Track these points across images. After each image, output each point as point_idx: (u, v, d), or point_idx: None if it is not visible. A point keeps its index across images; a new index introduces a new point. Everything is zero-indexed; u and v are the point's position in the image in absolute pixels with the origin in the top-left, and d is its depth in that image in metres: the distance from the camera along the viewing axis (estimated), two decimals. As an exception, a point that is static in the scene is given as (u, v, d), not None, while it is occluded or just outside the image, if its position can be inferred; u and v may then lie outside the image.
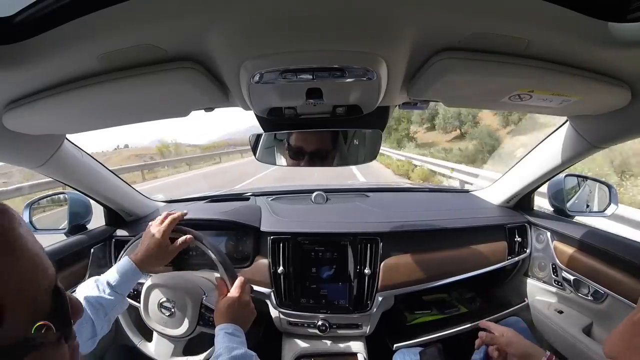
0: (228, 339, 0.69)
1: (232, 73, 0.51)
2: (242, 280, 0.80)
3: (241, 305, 0.76)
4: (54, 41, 0.41)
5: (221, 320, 0.73)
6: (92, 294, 0.71)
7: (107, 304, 0.72)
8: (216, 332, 0.72)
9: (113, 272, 0.76)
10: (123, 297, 0.76)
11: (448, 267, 1.11)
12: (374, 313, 1.05)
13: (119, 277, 0.75)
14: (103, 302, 0.71)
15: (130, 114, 0.69)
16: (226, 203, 1.36)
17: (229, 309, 0.74)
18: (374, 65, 0.48)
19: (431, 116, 20.66)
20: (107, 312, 0.72)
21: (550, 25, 0.42)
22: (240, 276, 0.82)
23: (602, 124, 0.75)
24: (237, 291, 0.77)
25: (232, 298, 0.76)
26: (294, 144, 0.78)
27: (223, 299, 0.77)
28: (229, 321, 0.73)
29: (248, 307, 0.78)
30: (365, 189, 1.61)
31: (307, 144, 0.78)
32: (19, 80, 0.49)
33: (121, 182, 1.18)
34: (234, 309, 0.75)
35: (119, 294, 0.75)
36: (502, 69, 0.50)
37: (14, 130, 0.64)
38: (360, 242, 1.06)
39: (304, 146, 0.78)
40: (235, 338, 0.70)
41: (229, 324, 0.72)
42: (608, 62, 0.51)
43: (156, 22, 0.40)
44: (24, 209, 1.15)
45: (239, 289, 0.78)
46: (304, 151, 0.78)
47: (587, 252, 0.99)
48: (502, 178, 1.30)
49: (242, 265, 1.09)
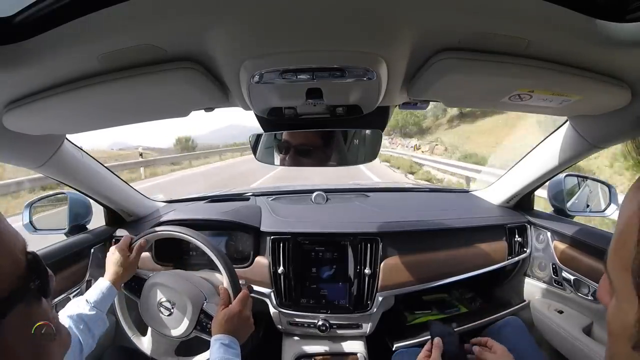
0: (224, 350, 0.69)
1: (232, 73, 0.51)
2: (246, 295, 0.80)
3: (241, 319, 0.77)
4: (54, 41, 0.41)
5: (219, 331, 0.73)
6: (73, 311, 0.75)
7: (88, 319, 0.75)
8: (212, 341, 0.72)
9: (90, 291, 0.81)
10: (103, 313, 0.80)
11: (448, 267, 1.11)
12: (374, 313, 1.05)
13: (96, 294, 0.80)
14: (84, 318, 0.75)
15: (130, 114, 0.69)
16: (226, 203, 1.36)
17: (229, 321, 0.75)
18: (374, 65, 0.48)
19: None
20: (90, 327, 0.75)
21: (550, 25, 0.42)
22: (244, 290, 0.82)
23: (602, 124, 0.75)
24: (239, 305, 0.78)
25: (233, 311, 0.76)
26: (293, 144, 0.78)
27: (224, 310, 0.77)
28: (226, 332, 0.73)
29: (248, 322, 0.78)
30: (365, 189, 1.61)
31: (307, 144, 0.78)
32: (19, 80, 0.49)
33: (121, 182, 1.18)
34: (233, 322, 0.75)
35: (99, 310, 0.78)
36: (502, 69, 0.50)
37: (14, 131, 0.64)
38: (360, 242, 1.06)
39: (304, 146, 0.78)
40: (230, 350, 0.70)
41: (226, 335, 0.72)
42: (608, 62, 0.51)
43: (156, 23, 0.40)
44: (24, 208, 1.15)
45: (240, 304, 0.78)
46: (303, 151, 0.78)
47: (587, 252, 0.99)
48: (502, 178, 1.30)
49: (242, 265, 1.09)
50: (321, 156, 0.79)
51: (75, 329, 0.72)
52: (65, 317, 0.73)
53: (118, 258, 0.86)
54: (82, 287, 1.07)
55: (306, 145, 0.78)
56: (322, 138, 0.77)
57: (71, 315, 0.74)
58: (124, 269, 0.86)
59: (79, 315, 0.75)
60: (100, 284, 0.83)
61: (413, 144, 17.07)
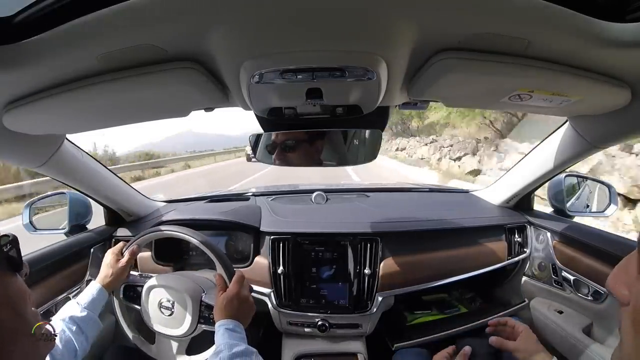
0: (228, 335, 0.68)
1: (232, 73, 0.51)
2: (240, 275, 0.80)
3: (240, 300, 0.76)
4: (53, 41, 0.41)
5: (221, 316, 0.73)
6: (65, 314, 0.76)
7: (80, 321, 0.76)
8: (216, 328, 0.71)
9: (81, 294, 0.82)
10: (95, 315, 0.80)
11: (448, 267, 1.11)
12: (374, 313, 1.05)
13: (87, 296, 0.81)
14: (76, 320, 0.76)
15: (130, 114, 0.69)
16: (226, 203, 1.37)
17: (229, 304, 0.74)
18: (374, 65, 0.48)
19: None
20: (83, 329, 0.76)
21: (551, 26, 0.42)
22: (238, 271, 0.82)
23: (602, 124, 0.75)
24: (236, 286, 0.77)
25: (231, 293, 0.76)
26: (293, 144, 0.78)
27: (222, 294, 0.77)
28: (228, 317, 0.72)
29: (247, 302, 0.77)
30: (365, 189, 1.61)
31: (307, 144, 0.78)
32: (19, 80, 0.49)
33: (121, 182, 1.19)
34: (233, 304, 0.74)
35: (90, 312, 0.79)
36: (502, 69, 0.50)
37: (14, 130, 0.64)
38: (360, 242, 1.06)
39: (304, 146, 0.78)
40: (235, 334, 0.69)
41: (229, 320, 0.72)
42: (608, 62, 0.51)
43: (157, 23, 0.40)
44: (24, 208, 1.15)
45: (237, 284, 0.78)
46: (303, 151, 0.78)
47: (587, 252, 0.99)
48: (502, 178, 1.30)
49: (242, 266, 1.09)
50: (321, 156, 0.79)
51: (68, 332, 0.72)
52: (58, 320, 0.74)
53: (109, 261, 0.88)
54: (82, 286, 1.06)
55: (306, 145, 0.78)
56: (322, 138, 0.77)
57: (64, 318, 0.75)
58: (114, 272, 0.87)
59: (71, 317, 0.75)
60: (91, 286, 0.84)
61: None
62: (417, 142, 14.63)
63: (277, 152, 0.78)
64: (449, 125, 13.51)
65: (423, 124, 16.64)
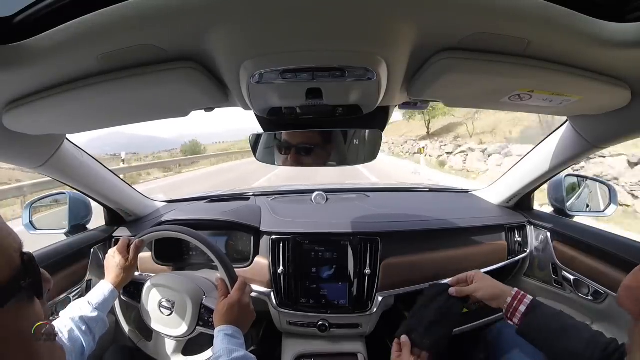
0: (228, 340, 0.69)
1: (232, 73, 0.51)
2: (242, 282, 0.80)
3: (241, 307, 0.76)
4: (53, 41, 0.41)
5: (221, 322, 0.73)
6: (75, 313, 0.76)
7: (90, 321, 0.76)
8: (215, 333, 0.71)
9: (91, 293, 0.82)
10: (104, 315, 0.80)
11: (448, 267, 1.11)
12: (374, 313, 1.05)
13: (98, 296, 0.81)
14: (86, 320, 0.75)
15: (130, 114, 0.69)
16: (226, 203, 1.37)
17: (229, 310, 0.75)
18: (374, 65, 0.48)
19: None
20: (92, 328, 0.75)
21: (550, 26, 0.42)
22: (240, 277, 0.82)
23: (602, 124, 0.75)
24: (238, 293, 0.77)
25: (232, 300, 0.76)
26: (293, 144, 0.78)
27: (223, 300, 0.77)
28: (228, 323, 0.73)
29: (248, 309, 0.78)
30: (365, 189, 1.61)
31: (307, 144, 0.78)
32: (19, 80, 0.49)
33: (121, 182, 1.19)
34: (233, 310, 0.75)
35: (101, 312, 0.79)
36: (502, 69, 0.50)
37: (14, 130, 0.64)
38: (360, 242, 1.06)
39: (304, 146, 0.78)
40: (234, 340, 0.70)
41: (229, 326, 0.72)
42: (608, 62, 0.51)
43: (157, 23, 0.40)
44: (24, 208, 1.15)
45: (239, 291, 0.78)
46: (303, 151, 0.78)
47: (587, 252, 0.99)
48: (502, 178, 1.30)
49: (242, 265, 1.09)
50: (321, 156, 0.78)
51: (77, 331, 0.72)
52: (67, 319, 0.74)
53: (118, 260, 0.86)
54: (82, 286, 1.07)
55: (306, 145, 0.78)
56: (322, 138, 0.77)
57: (73, 317, 0.74)
58: (124, 270, 0.86)
59: (81, 317, 0.75)
60: (102, 286, 0.83)
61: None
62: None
63: (278, 152, 0.78)
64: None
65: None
